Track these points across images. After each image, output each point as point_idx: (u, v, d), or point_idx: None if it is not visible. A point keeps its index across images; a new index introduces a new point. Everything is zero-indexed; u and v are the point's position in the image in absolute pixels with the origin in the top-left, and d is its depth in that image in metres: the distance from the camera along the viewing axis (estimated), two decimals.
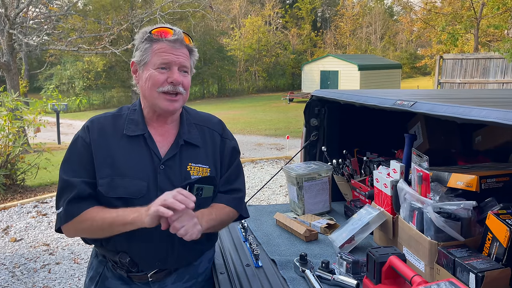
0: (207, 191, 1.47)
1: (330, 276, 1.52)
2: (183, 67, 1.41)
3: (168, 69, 1.39)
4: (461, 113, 1.26)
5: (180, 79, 1.40)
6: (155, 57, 1.39)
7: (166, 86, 1.39)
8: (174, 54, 1.39)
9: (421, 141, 2.38)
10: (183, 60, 1.41)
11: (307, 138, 2.63)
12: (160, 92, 1.39)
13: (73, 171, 1.40)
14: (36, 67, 25.91)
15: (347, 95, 2.13)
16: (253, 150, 10.55)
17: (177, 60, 1.39)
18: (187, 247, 1.46)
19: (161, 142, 1.46)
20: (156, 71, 1.39)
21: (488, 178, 1.50)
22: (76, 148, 1.43)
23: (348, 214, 2.16)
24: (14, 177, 6.69)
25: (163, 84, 1.39)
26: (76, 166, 1.41)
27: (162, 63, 1.38)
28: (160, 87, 1.39)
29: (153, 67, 1.39)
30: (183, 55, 1.41)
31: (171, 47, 1.39)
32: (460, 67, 11.87)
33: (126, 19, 12.63)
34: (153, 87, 1.39)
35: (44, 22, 11.59)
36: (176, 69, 1.40)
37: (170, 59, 1.38)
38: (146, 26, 1.48)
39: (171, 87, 1.39)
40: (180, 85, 1.40)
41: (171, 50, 1.39)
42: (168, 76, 1.38)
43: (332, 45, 39.89)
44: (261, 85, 33.22)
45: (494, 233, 1.32)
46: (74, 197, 1.37)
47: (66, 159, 1.44)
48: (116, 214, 1.34)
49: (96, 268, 1.54)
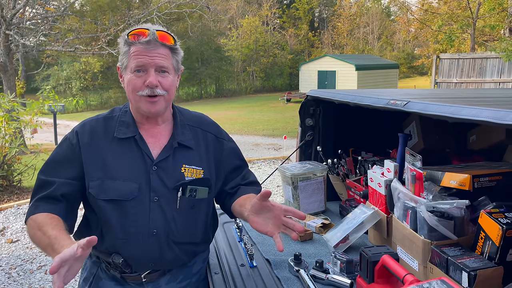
0: (202, 193, 1.47)
1: (324, 275, 1.52)
2: (161, 68, 1.36)
3: (145, 71, 1.36)
4: (452, 112, 1.27)
5: (155, 81, 1.34)
6: (131, 60, 1.36)
7: (145, 90, 1.36)
8: (149, 56, 1.34)
9: (416, 141, 2.38)
10: (159, 60, 1.35)
11: (302, 138, 2.63)
12: (141, 96, 1.37)
13: (51, 171, 1.39)
14: (33, 68, 25.85)
15: (342, 95, 2.13)
16: (250, 150, 10.54)
17: (152, 61, 1.34)
18: (181, 248, 1.46)
19: (153, 143, 1.45)
20: (134, 75, 1.36)
21: (481, 177, 1.51)
22: (61, 149, 1.43)
23: (343, 213, 2.17)
24: (11, 178, 6.67)
25: (141, 88, 1.36)
26: (56, 166, 1.40)
27: (137, 66, 1.35)
28: (140, 91, 1.36)
29: (131, 71, 1.36)
30: (159, 55, 1.36)
31: (144, 49, 1.34)
32: (457, 67, 11.89)
33: (123, 20, 12.61)
34: (133, 91, 1.37)
35: (41, 23, 11.57)
36: (153, 71, 1.35)
37: (144, 62, 1.34)
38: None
39: (148, 90, 1.36)
40: (157, 87, 1.36)
41: (145, 52, 1.34)
42: (145, 79, 1.35)
43: (330, 45, 39.96)
44: (258, 85, 33.24)
45: (486, 232, 1.33)
46: (44, 196, 1.36)
47: (47, 160, 1.43)
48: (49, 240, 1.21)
49: (90, 269, 1.53)
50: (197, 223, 1.49)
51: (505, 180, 1.55)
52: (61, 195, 1.37)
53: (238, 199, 1.52)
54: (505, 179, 1.55)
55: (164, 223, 1.41)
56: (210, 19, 18.10)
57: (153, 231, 1.40)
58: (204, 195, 1.48)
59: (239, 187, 1.58)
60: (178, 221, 1.43)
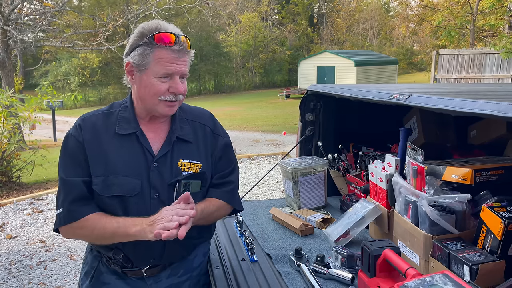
0: (195, 186, 1.46)
1: (325, 270, 1.52)
2: (184, 75, 1.40)
3: (170, 78, 1.36)
4: (455, 106, 1.26)
5: (182, 89, 1.38)
6: (157, 65, 1.34)
7: (168, 96, 1.37)
8: (177, 64, 1.35)
9: (417, 136, 2.38)
10: (185, 69, 1.38)
11: (302, 133, 2.63)
12: (161, 100, 1.38)
13: (70, 170, 1.39)
14: (31, 64, 25.80)
15: (342, 89, 2.13)
16: (250, 146, 10.54)
17: (179, 70, 1.36)
18: (180, 243, 1.45)
19: (153, 139, 1.45)
20: (158, 80, 1.36)
21: (483, 171, 1.50)
22: (70, 147, 1.42)
23: (343, 208, 2.17)
24: (10, 174, 6.66)
25: (164, 94, 1.37)
26: (72, 164, 1.40)
27: (165, 73, 1.35)
28: (162, 96, 1.37)
29: (155, 76, 1.35)
30: (185, 64, 1.38)
31: (174, 56, 1.34)
32: (456, 62, 11.88)
33: (121, 15, 12.56)
34: (154, 95, 1.37)
35: (39, 19, 11.53)
36: (178, 78, 1.37)
37: (173, 70, 1.35)
38: (142, 22, 1.43)
39: (172, 96, 1.38)
40: (181, 94, 1.40)
41: (174, 60, 1.34)
42: (170, 86, 1.36)
43: (329, 41, 39.87)
44: (257, 81, 33.18)
45: (488, 226, 1.33)
46: (75, 198, 1.36)
47: (62, 158, 1.42)
48: (117, 224, 1.33)
49: (91, 263, 1.53)
50: None
51: (506, 174, 1.54)
52: (89, 195, 1.38)
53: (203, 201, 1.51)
54: (506, 173, 1.54)
55: None
56: (209, 15, 18.02)
57: None
58: (198, 189, 1.47)
59: (212, 189, 1.54)
60: None
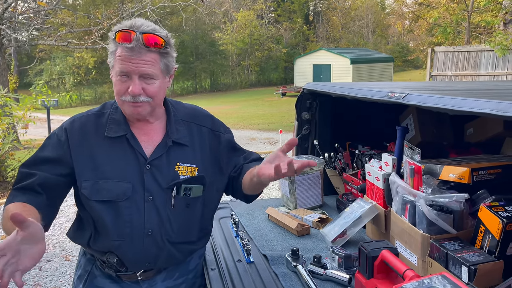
0: (196, 191, 1.43)
1: (322, 270, 1.50)
2: (145, 75, 1.28)
3: (129, 77, 1.28)
4: (453, 104, 1.24)
5: (138, 91, 1.27)
6: (116, 63, 1.28)
7: (128, 96, 1.30)
8: (132, 63, 1.25)
9: (413, 134, 2.37)
10: (143, 68, 1.26)
11: (298, 132, 2.61)
12: (123, 100, 1.31)
13: (34, 165, 1.34)
14: (26, 62, 25.61)
15: (339, 88, 2.11)
16: (246, 144, 10.52)
17: (136, 69, 1.26)
18: (177, 248, 1.43)
19: (146, 141, 1.40)
20: (118, 79, 1.29)
21: (480, 170, 1.49)
22: (48, 145, 1.38)
23: (340, 208, 2.15)
24: (4, 174, 6.61)
25: (124, 94, 1.30)
26: (41, 161, 1.35)
27: (121, 72, 1.28)
28: (123, 96, 1.30)
29: (116, 74, 1.30)
30: (144, 62, 1.26)
31: (128, 55, 1.25)
32: (452, 59, 11.90)
33: (116, 13, 12.49)
34: (116, 95, 1.32)
35: (33, 17, 11.45)
36: (136, 78, 1.27)
37: (128, 69, 1.26)
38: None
39: (131, 97, 1.29)
40: (140, 95, 1.29)
41: (128, 59, 1.25)
42: (128, 86, 1.28)
43: (325, 38, 39.85)
44: (253, 79, 33.13)
45: (486, 226, 1.31)
46: (22, 186, 1.30)
47: (33, 155, 1.38)
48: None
49: (85, 267, 1.51)
50: (193, 221, 1.46)
51: (504, 173, 1.53)
52: (41, 188, 1.30)
53: (244, 175, 1.45)
54: (504, 172, 1.54)
55: (159, 223, 1.38)
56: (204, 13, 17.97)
57: (149, 231, 1.37)
58: (199, 193, 1.44)
59: (241, 166, 1.52)
60: (173, 220, 1.40)
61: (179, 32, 24.29)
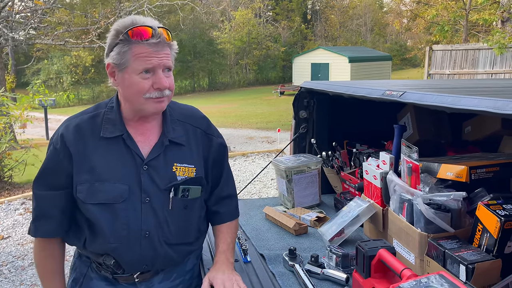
0: (194, 192, 1.41)
1: (320, 270, 1.49)
2: (167, 67, 1.30)
3: (152, 72, 1.28)
4: (451, 102, 1.24)
5: (167, 83, 1.29)
6: (136, 61, 1.26)
7: (153, 93, 1.29)
8: (158, 57, 1.26)
9: (411, 132, 2.36)
10: (166, 61, 1.29)
11: (296, 131, 2.60)
12: (147, 98, 1.29)
13: (43, 184, 1.36)
14: (23, 62, 25.54)
15: (336, 86, 2.10)
16: (244, 143, 10.51)
17: (161, 62, 1.27)
18: (174, 249, 1.42)
19: (142, 141, 1.37)
20: (139, 77, 1.27)
21: (478, 168, 1.49)
22: (48, 157, 1.37)
23: (338, 206, 2.15)
24: (1, 173, 6.59)
25: (149, 91, 1.28)
26: (46, 177, 1.36)
27: (145, 68, 1.27)
28: (147, 94, 1.28)
29: (136, 73, 1.27)
30: (166, 56, 1.28)
31: (153, 50, 1.25)
32: (450, 58, 11.91)
33: (113, 12, 12.44)
34: (138, 94, 1.29)
35: (30, 16, 11.39)
36: (161, 72, 1.28)
37: (154, 63, 1.26)
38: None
39: (158, 93, 1.29)
40: (167, 88, 1.30)
41: (154, 54, 1.25)
42: (154, 82, 1.27)
43: (323, 37, 39.83)
44: (251, 78, 33.10)
45: (484, 224, 1.31)
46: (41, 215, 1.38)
47: (39, 171, 1.38)
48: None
49: (80, 269, 1.48)
50: (191, 223, 1.45)
51: (502, 171, 1.53)
52: (58, 210, 1.37)
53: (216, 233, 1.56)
54: (502, 170, 1.53)
55: (156, 224, 1.36)
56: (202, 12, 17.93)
57: (146, 233, 1.35)
58: (197, 194, 1.42)
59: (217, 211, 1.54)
60: (170, 222, 1.38)
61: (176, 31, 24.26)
